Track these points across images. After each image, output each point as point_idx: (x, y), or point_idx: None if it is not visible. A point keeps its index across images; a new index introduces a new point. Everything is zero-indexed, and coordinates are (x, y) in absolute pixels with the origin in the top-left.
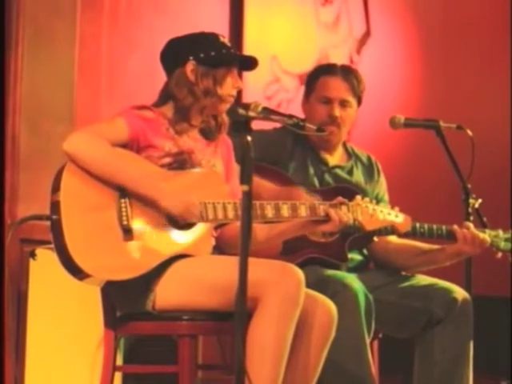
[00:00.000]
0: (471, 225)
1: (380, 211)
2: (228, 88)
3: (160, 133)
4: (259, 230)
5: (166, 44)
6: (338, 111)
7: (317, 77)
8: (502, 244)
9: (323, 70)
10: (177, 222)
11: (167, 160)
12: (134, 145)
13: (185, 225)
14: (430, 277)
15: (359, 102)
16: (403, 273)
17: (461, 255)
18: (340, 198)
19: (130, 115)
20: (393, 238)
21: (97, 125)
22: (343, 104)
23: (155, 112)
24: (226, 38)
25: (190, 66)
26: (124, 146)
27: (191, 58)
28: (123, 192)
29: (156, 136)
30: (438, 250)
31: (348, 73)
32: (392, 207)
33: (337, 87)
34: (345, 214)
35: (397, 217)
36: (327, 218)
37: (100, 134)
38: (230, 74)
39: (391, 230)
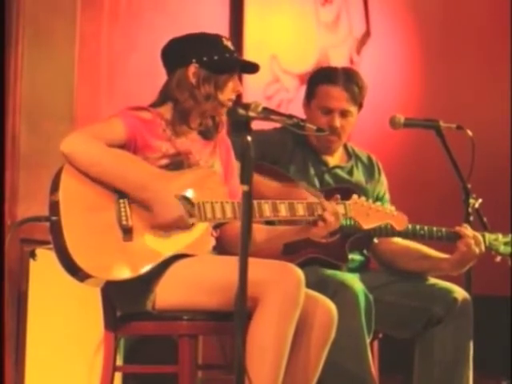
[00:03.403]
0: (468, 226)
1: (376, 210)
2: (228, 93)
3: (157, 134)
4: (258, 232)
5: (169, 43)
6: (338, 122)
7: (317, 83)
8: (502, 248)
9: (324, 77)
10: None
11: (164, 161)
12: (131, 146)
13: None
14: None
15: (360, 106)
16: None
17: (464, 261)
18: (336, 197)
19: (127, 116)
20: (398, 240)
21: (94, 126)
22: (344, 114)
23: (152, 113)
24: (228, 41)
25: (192, 68)
26: (121, 146)
27: (194, 60)
28: (122, 192)
29: (153, 137)
30: (443, 258)
31: (349, 80)
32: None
33: (337, 97)
34: (337, 209)
35: (393, 215)
36: (321, 218)
37: (97, 135)
38: (232, 79)
39: (391, 230)
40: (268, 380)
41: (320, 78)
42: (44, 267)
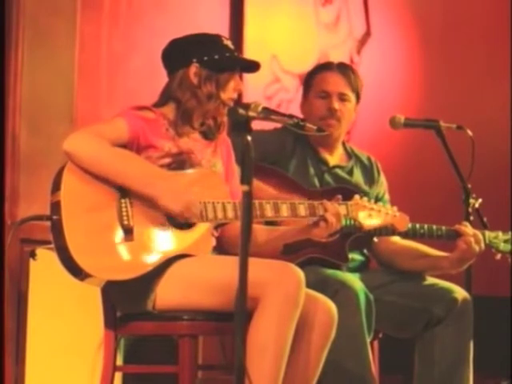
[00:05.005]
0: (468, 224)
1: (378, 210)
2: (230, 92)
3: (160, 133)
4: (259, 233)
5: (169, 44)
6: (337, 104)
7: (314, 74)
8: (502, 245)
9: (320, 68)
10: (177, 221)
11: (167, 160)
12: (133, 145)
13: (185, 225)
14: (431, 277)
15: (358, 98)
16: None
17: (464, 259)
18: (337, 198)
19: (130, 115)
20: (397, 239)
21: (97, 125)
22: (342, 98)
23: (155, 112)
24: (228, 40)
25: (194, 68)
26: (124, 146)
27: (195, 60)
28: (123, 192)
29: (156, 136)
30: (443, 256)
31: (345, 68)
32: (391, 206)
33: (334, 81)
34: (338, 209)
35: (395, 216)
36: (320, 217)
37: (100, 134)
38: (233, 77)
39: (391, 230)
40: (268, 380)
41: (316, 70)
42: (44, 267)
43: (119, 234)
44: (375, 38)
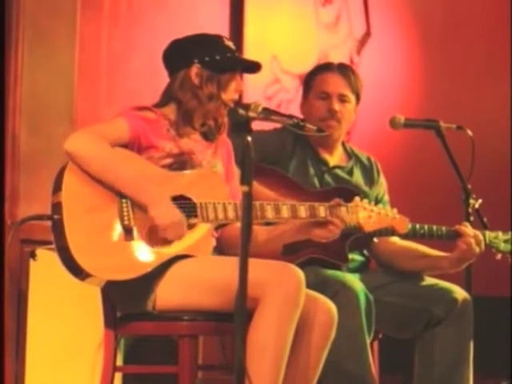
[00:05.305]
0: (468, 224)
1: (378, 213)
2: (231, 93)
3: (161, 134)
4: (259, 233)
5: (170, 44)
6: (337, 106)
7: (314, 75)
8: (502, 245)
9: (320, 68)
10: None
11: (168, 161)
12: (134, 145)
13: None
14: (431, 277)
15: (358, 99)
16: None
17: (463, 260)
18: (337, 200)
19: (131, 116)
20: (396, 240)
21: (98, 125)
22: (342, 99)
23: (156, 113)
24: (229, 41)
25: (195, 69)
26: (125, 146)
27: (196, 60)
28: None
29: (157, 137)
30: (442, 256)
31: (345, 69)
32: (391, 208)
33: (335, 82)
34: (344, 215)
35: (394, 218)
36: (327, 220)
37: (101, 135)
38: (234, 78)
39: (391, 231)
40: (268, 380)
41: (316, 71)
42: (44, 267)
43: (120, 234)
44: (375, 38)
